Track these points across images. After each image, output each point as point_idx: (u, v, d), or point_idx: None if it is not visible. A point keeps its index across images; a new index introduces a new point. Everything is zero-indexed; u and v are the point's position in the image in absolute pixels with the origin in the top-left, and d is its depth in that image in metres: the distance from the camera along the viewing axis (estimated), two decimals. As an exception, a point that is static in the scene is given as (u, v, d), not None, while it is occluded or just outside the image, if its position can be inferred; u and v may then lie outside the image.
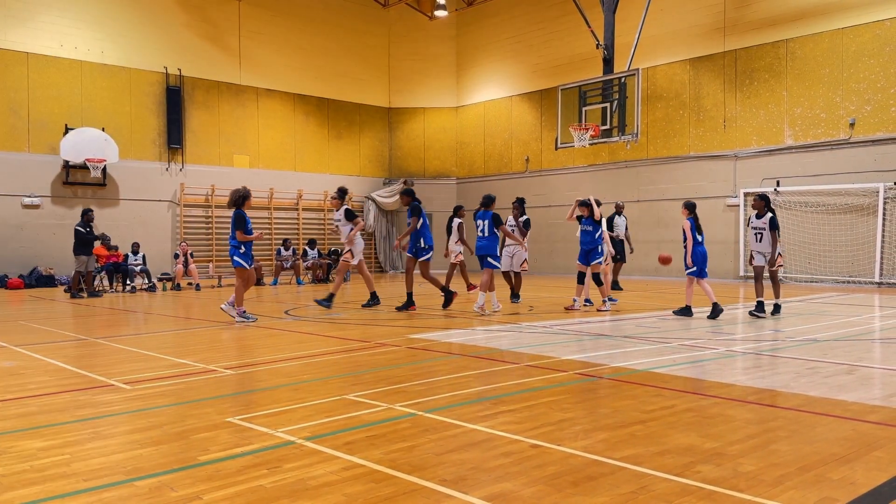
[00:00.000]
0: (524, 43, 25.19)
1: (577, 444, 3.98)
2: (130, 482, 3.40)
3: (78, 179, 20.22)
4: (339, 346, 7.90)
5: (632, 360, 6.82)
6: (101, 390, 5.56)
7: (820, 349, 7.43)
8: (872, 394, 5.34)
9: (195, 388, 5.62)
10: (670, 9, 21.03)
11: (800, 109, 18.66)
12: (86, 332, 9.44)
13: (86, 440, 4.14)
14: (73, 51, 20.22)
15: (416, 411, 4.75)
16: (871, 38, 17.43)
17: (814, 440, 4.07)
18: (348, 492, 3.24)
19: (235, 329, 9.63)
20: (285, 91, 24.51)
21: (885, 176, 17.18)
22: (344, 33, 25.99)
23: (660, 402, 5.04)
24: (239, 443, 4.03)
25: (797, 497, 3.15)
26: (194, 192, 22.35)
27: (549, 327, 9.49)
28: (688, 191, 20.75)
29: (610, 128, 19.29)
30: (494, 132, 26.37)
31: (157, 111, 21.73)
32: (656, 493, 3.21)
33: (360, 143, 26.66)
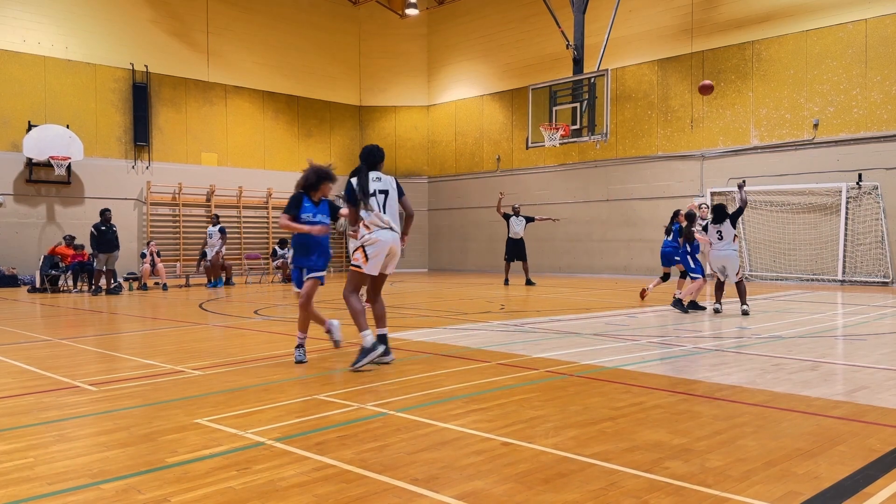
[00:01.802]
0: (495, 42, 25.26)
1: (548, 441, 4.00)
2: (96, 485, 3.34)
3: (41, 177, 19.82)
4: (309, 345, 7.85)
5: (601, 357, 6.88)
6: (67, 392, 5.46)
7: (785, 346, 7.57)
8: (835, 389, 5.45)
9: (163, 389, 5.55)
10: (639, 10, 21.24)
11: (765, 110, 18.98)
12: (50, 333, 9.27)
13: (50, 443, 4.06)
14: (36, 46, 19.81)
15: (388, 411, 4.74)
16: (834, 40, 17.78)
17: (779, 435, 4.14)
18: (319, 492, 3.22)
19: (204, 329, 9.51)
20: (254, 88, 24.28)
21: (848, 176, 17.55)
22: (314, 31, 25.82)
23: (629, 398, 5.09)
24: (208, 444, 3.99)
25: (763, 491, 3.21)
26: (161, 190, 22.05)
27: (520, 325, 9.54)
28: (656, 190, 21.00)
29: (580, 127, 19.45)
30: (466, 131, 26.42)
31: (123, 108, 21.39)
32: (626, 490, 3.24)
33: (330, 142, 26.52)
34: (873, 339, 8.17)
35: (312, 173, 6.84)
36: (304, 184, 6.83)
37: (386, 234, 6.37)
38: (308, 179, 6.85)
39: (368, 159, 6.61)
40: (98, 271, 16.32)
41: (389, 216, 6.42)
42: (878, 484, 3.31)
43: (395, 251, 6.50)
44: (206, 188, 22.84)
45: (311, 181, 6.85)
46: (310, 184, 6.85)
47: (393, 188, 6.56)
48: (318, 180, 6.81)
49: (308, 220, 6.70)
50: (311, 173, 6.85)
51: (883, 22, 17.06)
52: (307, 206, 6.79)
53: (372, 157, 6.61)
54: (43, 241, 19.42)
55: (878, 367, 6.26)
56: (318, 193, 6.91)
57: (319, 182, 6.84)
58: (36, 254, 18.76)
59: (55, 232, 19.51)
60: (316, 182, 6.83)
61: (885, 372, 6.06)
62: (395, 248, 6.44)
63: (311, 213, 6.75)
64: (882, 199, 17.11)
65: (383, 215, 6.42)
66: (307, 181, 6.85)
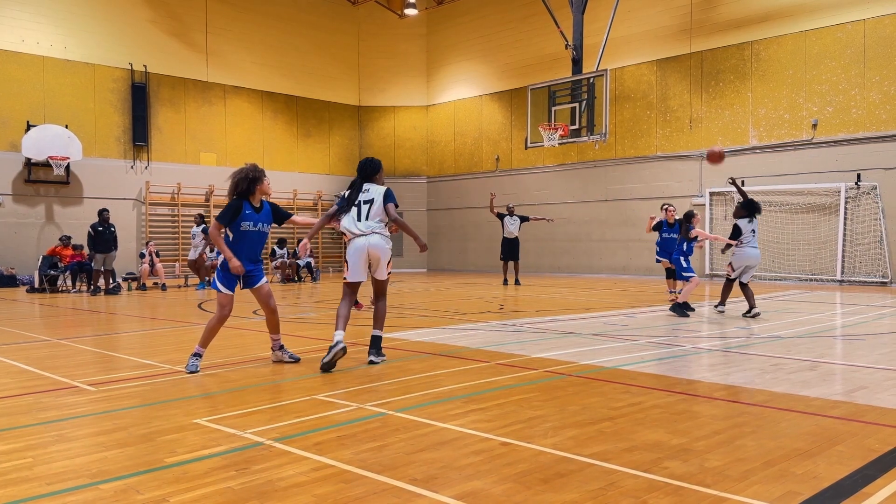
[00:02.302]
0: (494, 42, 25.26)
1: (547, 441, 4.00)
2: (95, 485, 3.34)
3: (40, 177, 19.81)
4: (308, 346, 7.85)
5: (600, 357, 6.88)
6: (65, 392, 5.45)
7: (783, 346, 7.57)
8: (834, 389, 5.45)
9: (161, 390, 5.55)
10: (638, 10, 21.25)
11: (764, 110, 18.99)
12: (49, 333, 9.26)
13: (49, 443, 4.06)
14: (35, 46, 19.80)
15: (387, 411, 4.74)
16: (833, 40, 17.79)
17: (778, 435, 4.14)
18: (318, 492, 3.22)
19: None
20: (253, 88, 24.27)
21: (847, 176, 17.56)
22: (313, 31, 25.82)
23: (628, 398, 5.09)
24: (206, 444, 3.99)
25: (762, 491, 3.21)
26: (160, 190, 22.04)
27: (519, 326, 9.54)
28: (655, 190, 21.00)
29: (579, 128, 19.45)
30: (465, 131, 26.41)
31: (122, 108, 21.38)
32: (625, 490, 3.24)
33: (329, 142, 26.51)
34: (872, 339, 8.17)
35: (242, 179, 6.33)
36: (237, 191, 6.33)
37: (358, 241, 6.52)
38: (239, 186, 6.33)
39: (361, 172, 6.72)
40: (96, 271, 16.31)
41: (372, 223, 6.52)
42: (877, 484, 3.31)
43: (375, 255, 6.54)
44: (205, 188, 22.83)
45: (243, 188, 6.34)
46: (242, 190, 6.34)
47: (379, 195, 6.59)
48: (251, 184, 6.32)
49: (249, 228, 6.31)
50: (240, 179, 6.33)
51: (882, 22, 17.07)
52: (248, 213, 6.32)
53: (363, 169, 6.70)
54: (42, 241, 19.41)
55: (876, 367, 6.26)
56: (257, 196, 6.40)
57: (253, 186, 6.34)
58: (35, 254, 18.75)
59: (54, 232, 19.50)
60: (248, 187, 6.34)
61: (884, 372, 6.06)
62: (372, 252, 6.51)
63: (251, 222, 6.34)
64: (881, 199, 17.12)
65: (359, 223, 6.55)
66: (238, 188, 6.34)
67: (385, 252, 6.55)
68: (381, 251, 6.51)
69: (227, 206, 6.33)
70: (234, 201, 6.35)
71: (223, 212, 6.32)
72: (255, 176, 6.36)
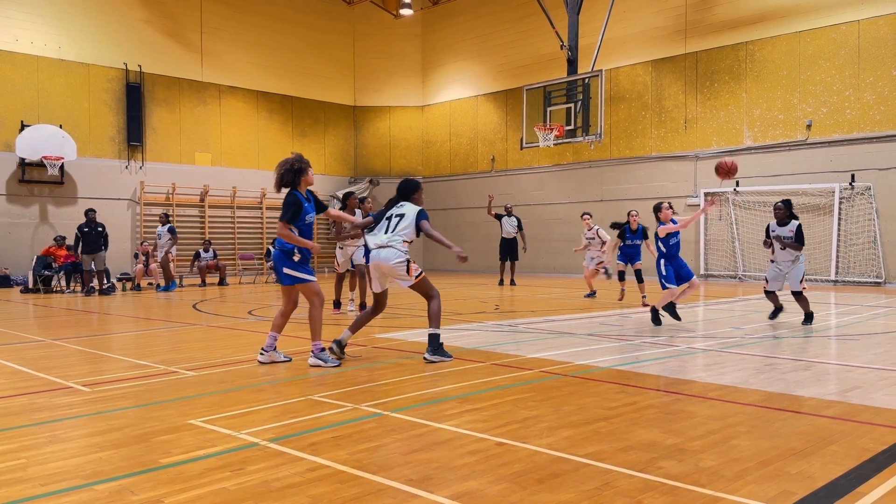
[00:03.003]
0: (490, 43, 25.27)
1: (543, 441, 4.01)
2: (90, 486, 3.33)
3: (34, 177, 19.74)
4: (304, 346, 7.84)
5: (596, 357, 6.89)
6: (59, 393, 5.44)
7: (778, 346, 7.59)
8: (828, 389, 5.47)
9: (156, 390, 5.53)
10: (633, 11, 21.28)
11: (758, 111, 19.04)
12: (43, 334, 9.23)
13: (43, 444, 4.05)
14: (29, 46, 19.74)
15: (382, 411, 4.74)
16: (827, 41, 17.85)
17: (772, 435, 4.15)
18: (313, 493, 3.22)
19: (198, 330, 9.49)
20: (248, 88, 24.24)
21: (841, 176, 17.61)
22: (308, 31, 25.79)
23: (623, 398, 5.10)
24: (201, 445, 3.98)
25: (756, 491, 3.22)
26: (155, 190, 21.99)
27: (515, 326, 9.54)
28: (650, 191, 21.03)
29: (574, 128, 19.47)
30: (460, 131, 26.42)
31: (117, 108, 21.32)
32: (620, 489, 3.24)
33: (325, 142, 26.49)
34: (866, 338, 8.20)
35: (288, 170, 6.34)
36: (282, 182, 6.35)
37: (374, 253, 6.70)
38: (284, 178, 6.37)
39: (400, 191, 6.96)
40: (87, 272, 16.21)
41: (394, 236, 6.66)
42: (871, 483, 3.33)
43: (383, 268, 6.65)
44: (200, 188, 22.79)
45: (289, 179, 6.37)
46: (287, 182, 6.38)
47: (412, 213, 6.74)
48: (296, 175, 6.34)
49: (310, 220, 6.36)
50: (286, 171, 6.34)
51: (875, 23, 17.13)
52: (306, 205, 6.37)
53: (402, 189, 6.95)
54: (36, 241, 19.35)
55: (870, 367, 6.29)
56: (303, 187, 6.43)
57: (298, 177, 6.36)
58: (29, 254, 18.69)
59: (48, 232, 19.43)
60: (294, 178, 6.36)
61: (878, 372, 6.08)
62: (381, 265, 6.64)
63: (312, 213, 6.41)
64: (875, 199, 17.18)
65: (379, 235, 6.75)
66: (283, 180, 6.37)
67: (395, 264, 6.58)
68: (390, 263, 6.57)
69: (288, 204, 6.30)
70: (292, 196, 6.34)
71: (285, 210, 6.29)
72: (300, 167, 6.37)
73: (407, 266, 6.60)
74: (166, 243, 17.42)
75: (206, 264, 19.55)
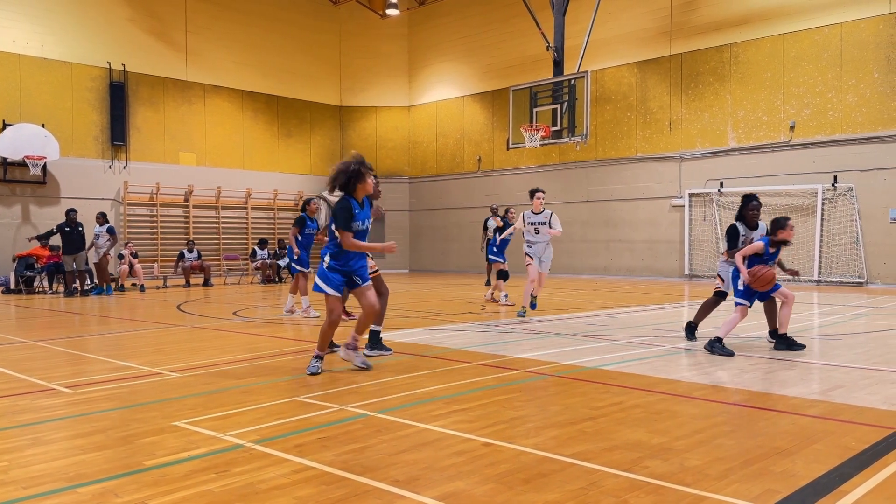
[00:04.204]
0: (476, 43, 25.29)
1: (529, 441, 4.01)
2: (73, 489, 3.30)
3: (16, 177, 19.53)
4: (289, 347, 7.81)
5: (581, 357, 6.91)
6: (42, 394, 5.38)
7: (762, 346, 7.65)
8: (811, 388, 5.52)
9: (140, 392, 5.49)
10: (618, 12, 21.37)
11: (742, 112, 19.18)
12: (25, 335, 9.13)
13: (25, 446, 4.01)
14: (10, 44, 19.52)
15: (369, 412, 4.73)
16: (810, 44, 18.01)
17: (757, 434, 4.18)
18: (299, 495, 3.20)
19: (182, 331, 9.43)
20: (233, 88, 24.10)
21: (824, 177, 17.77)
22: (294, 30, 25.69)
23: (609, 398, 5.12)
24: (186, 447, 3.95)
25: (741, 490, 3.24)
26: (138, 190, 21.82)
27: (501, 326, 9.55)
28: (635, 192, 21.15)
29: (560, 129, 19.51)
30: (447, 132, 26.42)
31: (100, 107, 21.14)
32: (606, 489, 3.25)
33: (310, 142, 26.40)
34: (849, 338, 8.28)
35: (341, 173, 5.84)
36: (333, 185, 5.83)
37: None
38: (336, 181, 5.85)
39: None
40: (70, 272, 16.05)
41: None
42: (854, 482, 3.36)
43: None
44: (185, 188, 22.64)
45: (341, 182, 5.82)
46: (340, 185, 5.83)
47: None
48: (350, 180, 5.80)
49: (359, 228, 5.89)
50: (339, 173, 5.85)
51: (857, 26, 17.30)
52: (357, 212, 5.84)
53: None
54: (18, 241, 19.14)
55: (853, 367, 6.35)
56: (359, 194, 5.89)
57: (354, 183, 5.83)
58: (10, 255, 18.49)
59: (30, 232, 19.23)
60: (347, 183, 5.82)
61: (861, 371, 6.14)
62: None
63: (360, 221, 5.91)
64: (857, 200, 17.35)
65: None
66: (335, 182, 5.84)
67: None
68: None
69: (340, 209, 5.81)
70: (344, 202, 5.84)
71: (338, 216, 5.82)
72: (357, 171, 5.83)
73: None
74: (104, 244, 16.57)
75: (190, 265, 19.42)
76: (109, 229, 16.82)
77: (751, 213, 7.55)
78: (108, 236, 16.66)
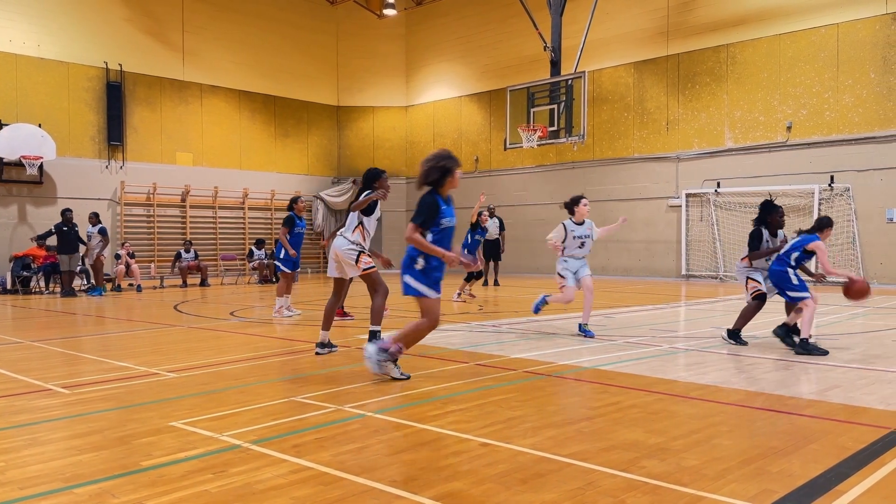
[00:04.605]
0: (473, 43, 25.29)
1: (526, 441, 4.01)
2: (69, 489, 3.29)
3: (13, 177, 19.48)
4: (286, 347, 7.81)
5: (579, 357, 6.91)
6: (38, 395, 5.37)
7: (759, 346, 7.66)
8: (809, 389, 5.53)
9: (137, 392, 5.48)
10: (615, 13, 21.39)
11: (739, 113, 19.20)
12: (21, 335, 9.11)
13: (22, 447, 4.00)
14: (7, 44, 19.48)
15: (366, 412, 4.73)
16: (807, 44, 18.04)
17: (754, 434, 4.19)
18: (296, 495, 3.20)
19: (179, 331, 9.41)
20: (230, 88, 24.07)
21: (820, 178, 17.80)
22: (291, 30, 25.67)
23: (606, 398, 5.12)
24: (183, 447, 3.95)
25: (738, 490, 3.24)
26: (135, 190, 21.78)
27: (498, 326, 9.55)
28: (632, 192, 21.16)
29: (557, 129, 19.54)
30: (444, 132, 26.42)
31: (97, 107, 21.10)
32: (603, 489, 3.26)
33: (307, 142, 26.37)
34: (845, 338, 8.29)
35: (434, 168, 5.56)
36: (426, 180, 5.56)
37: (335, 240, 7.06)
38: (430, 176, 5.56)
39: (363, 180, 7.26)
40: (70, 272, 16.03)
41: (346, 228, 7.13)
42: (850, 481, 3.36)
43: (337, 254, 7.01)
44: (181, 188, 22.60)
45: (434, 177, 5.55)
46: (432, 180, 5.56)
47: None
48: (443, 175, 5.54)
49: (447, 225, 5.58)
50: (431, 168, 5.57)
51: (854, 26, 17.34)
52: (443, 208, 5.54)
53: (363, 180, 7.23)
54: (14, 241, 19.09)
55: (850, 367, 6.36)
56: (447, 189, 5.63)
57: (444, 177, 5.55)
58: (7, 255, 18.44)
59: (27, 233, 19.18)
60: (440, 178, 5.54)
61: (858, 371, 6.15)
62: (335, 250, 7.01)
63: (448, 218, 5.61)
64: (853, 200, 17.38)
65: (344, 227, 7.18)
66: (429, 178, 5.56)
67: (345, 251, 6.96)
68: (340, 250, 6.95)
69: (423, 205, 5.54)
70: (429, 197, 5.56)
71: (419, 211, 5.54)
72: (448, 165, 5.59)
73: (357, 256, 6.90)
74: (97, 245, 16.48)
75: (187, 265, 19.41)
76: (101, 230, 16.77)
77: (779, 220, 7.83)
78: (100, 237, 16.60)
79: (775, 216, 7.84)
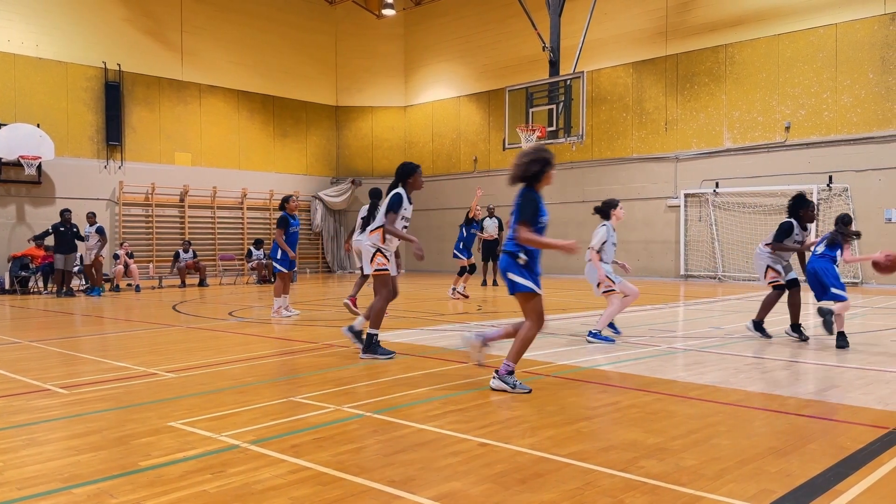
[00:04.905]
0: (472, 43, 25.29)
1: (525, 441, 4.01)
2: (68, 490, 3.29)
3: (11, 177, 19.46)
4: (285, 347, 7.80)
5: (577, 357, 6.91)
6: (37, 395, 5.36)
7: (757, 346, 7.66)
8: (807, 389, 5.53)
9: (135, 392, 5.48)
10: (614, 13, 21.40)
11: (738, 113, 19.21)
12: (19, 335, 9.10)
13: (20, 447, 3.99)
14: (5, 44, 19.46)
15: (365, 412, 4.72)
16: (805, 44, 18.05)
17: (752, 434, 4.19)
18: (294, 495, 3.20)
19: (178, 332, 9.41)
20: (229, 88, 24.06)
21: (819, 178, 17.81)
22: (290, 30, 25.66)
23: (604, 398, 5.12)
24: (181, 447, 3.94)
25: (736, 490, 3.24)
26: (134, 190, 21.76)
27: (497, 326, 9.54)
28: (631, 192, 21.16)
29: (556, 129, 19.53)
30: (443, 132, 26.42)
31: (96, 107, 21.09)
32: (602, 489, 3.26)
33: (306, 142, 26.37)
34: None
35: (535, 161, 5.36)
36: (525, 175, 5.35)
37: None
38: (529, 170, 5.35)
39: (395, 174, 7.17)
40: (68, 272, 16.00)
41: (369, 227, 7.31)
42: (849, 481, 3.36)
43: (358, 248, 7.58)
44: (180, 188, 22.60)
45: (535, 170, 5.35)
46: (532, 174, 5.37)
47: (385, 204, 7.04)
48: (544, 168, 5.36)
49: (544, 224, 5.45)
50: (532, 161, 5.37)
51: (853, 27, 17.35)
52: (542, 204, 5.43)
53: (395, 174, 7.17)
54: (12, 241, 19.07)
55: (848, 367, 6.36)
56: (542, 185, 5.46)
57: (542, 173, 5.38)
58: (5, 255, 18.42)
59: (25, 233, 19.17)
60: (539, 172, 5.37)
61: (856, 371, 6.16)
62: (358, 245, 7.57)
63: (546, 215, 5.49)
64: (852, 200, 17.39)
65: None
66: (528, 172, 5.35)
67: (364, 247, 7.10)
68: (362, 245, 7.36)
69: (526, 201, 5.35)
70: (530, 194, 5.39)
71: (523, 209, 5.33)
72: (548, 158, 5.42)
73: (373, 255, 6.91)
74: (95, 245, 16.35)
75: (185, 265, 19.39)
76: (99, 229, 16.69)
77: (811, 214, 8.26)
78: (98, 237, 16.51)
79: (807, 210, 8.15)
